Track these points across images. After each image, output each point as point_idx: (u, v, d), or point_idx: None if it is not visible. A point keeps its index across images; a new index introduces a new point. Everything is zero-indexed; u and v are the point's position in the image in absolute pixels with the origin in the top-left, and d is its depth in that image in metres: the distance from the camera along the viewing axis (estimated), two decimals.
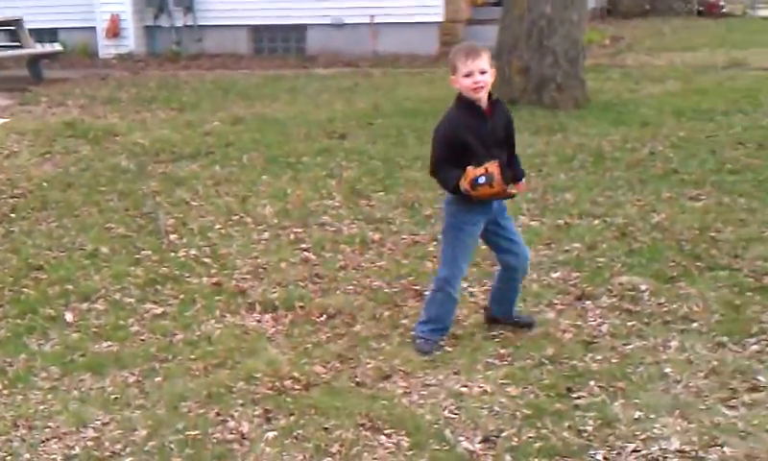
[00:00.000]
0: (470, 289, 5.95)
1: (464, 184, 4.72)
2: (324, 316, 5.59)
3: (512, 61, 12.01)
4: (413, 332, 5.20)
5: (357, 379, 4.77)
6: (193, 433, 4.28)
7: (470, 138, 4.78)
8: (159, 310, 5.77)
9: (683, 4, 25.13)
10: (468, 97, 4.82)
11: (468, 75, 4.76)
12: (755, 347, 4.94)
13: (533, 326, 5.32)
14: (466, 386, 4.66)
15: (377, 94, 13.45)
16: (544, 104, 11.68)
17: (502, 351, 5.05)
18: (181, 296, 5.97)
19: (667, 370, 4.73)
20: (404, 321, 5.48)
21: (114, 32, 18.51)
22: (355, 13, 17.70)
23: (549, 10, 11.75)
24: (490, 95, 4.86)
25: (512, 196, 4.97)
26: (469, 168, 4.71)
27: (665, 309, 5.48)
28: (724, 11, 25.18)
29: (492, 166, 4.66)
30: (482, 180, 4.66)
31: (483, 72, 4.75)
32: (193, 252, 6.78)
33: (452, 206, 5.02)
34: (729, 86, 13.12)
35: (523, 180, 5.27)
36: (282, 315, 5.63)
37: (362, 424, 4.30)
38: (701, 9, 25.00)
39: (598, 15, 23.31)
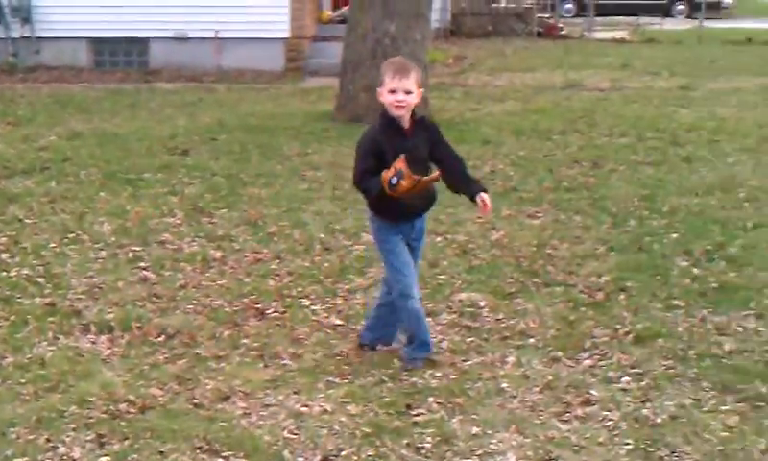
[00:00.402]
0: (313, 307, 5.92)
1: (387, 191, 4.67)
2: (163, 336, 5.46)
3: (356, 79, 12.09)
4: (402, 357, 5.08)
5: (195, 401, 4.67)
6: (21, 460, 4.11)
7: (389, 156, 4.72)
8: None
9: (523, 25, 25.78)
10: (389, 114, 4.83)
11: (392, 91, 4.77)
12: (587, 361, 5.07)
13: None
14: (306, 406, 4.62)
15: (221, 110, 13.32)
16: None
17: (344, 368, 5.03)
18: (12, 317, 5.73)
19: (504, 385, 4.81)
20: (245, 340, 5.41)
21: None
22: (199, 28, 17.48)
23: (393, 29, 11.88)
24: (413, 113, 4.87)
25: (435, 180, 4.82)
26: (383, 173, 4.67)
27: (503, 325, 5.59)
28: (562, 32, 25.96)
29: (399, 163, 4.62)
30: (394, 180, 4.63)
31: (407, 92, 4.75)
32: (25, 271, 6.54)
33: (373, 223, 5.10)
34: (566, 107, 13.54)
35: (483, 195, 4.94)
36: (118, 336, 5.47)
37: (199, 447, 4.21)
38: (540, 30, 25.71)
39: (442, 35, 23.70)
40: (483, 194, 4.91)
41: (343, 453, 4.17)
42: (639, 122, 12.17)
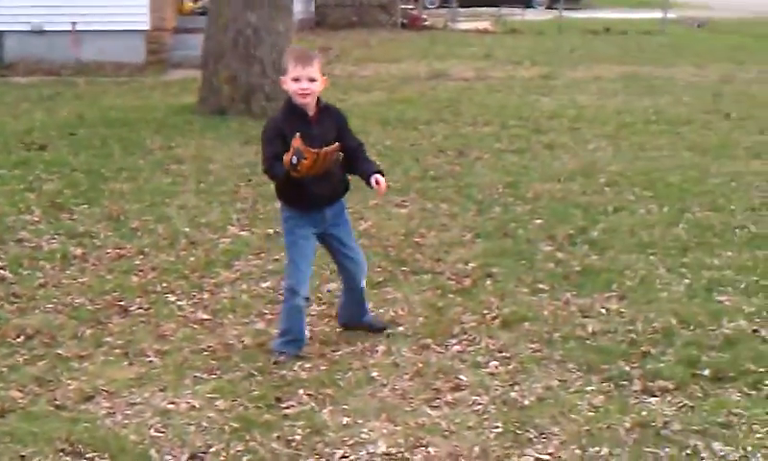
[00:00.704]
0: (179, 302, 5.81)
1: (293, 174, 4.60)
2: (22, 337, 5.26)
3: (219, 71, 11.93)
4: (272, 348, 5.04)
5: (57, 402, 4.51)
6: None
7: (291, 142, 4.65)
8: None
9: (387, 17, 25.90)
10: (294, 102, 4.81)
11: (296, 79, 4.75)
12: (456, 347, 5.11)
13: (386, 329, 5.31)
14: (173, 403, 4.52)
15: (81, 103, 12.96)
16: (253, 113, 11.67)
17: (211, 363, 4.94)
18: None
19: (374, 374, 4.80)
20: (108, 339, 5.26)
21: None
22: (56, 20, 16.95)
23: (255, 19, 11.76)
24: (318, 100, 4.85)
25: (335, 151, 4.71)
26: (284, 157, 4.60)
27: (372, 314, 5.56)
28: (426, 24, 26.17)
29: (295, 142, 4.55)
30: (294, 160, 4.55)
31: (311, 80, 4.74)
32: None
33: (283, 213, 5.06)
34: (431, 96, 13.65)
35: (377, 175, 4.93)
36: None
37: (62, 449, 4.07)
38: (404, 21, 25.87)
39: (306, 26, 23.62)
40: (377, 175, 4.92)
41: (212, 450, 4.09)
42: (503, 111, 12.36)
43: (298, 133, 4.61)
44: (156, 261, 6.54)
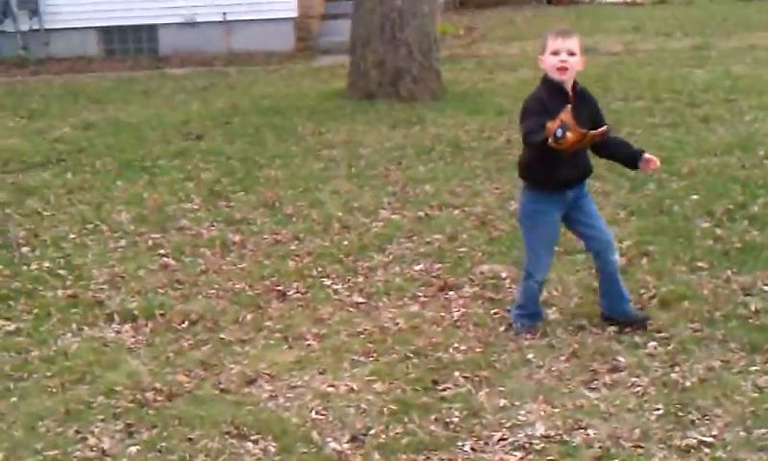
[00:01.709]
0: (334, 287, 5.91)
1: (552, 145, 4.45)
2: (186, 323, 5.46)
3: (366, 55, 12.02)
4: (510, 318, 5.17)
5: (221, 386, 4.67)
6: (52, 453, 4.11)
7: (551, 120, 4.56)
8: (13, 327, 5.52)
9: None
10: (552, 79, 4.74)
11: (554, 53, 4.68)
12: (613, 328, 5.03)
13: (646, 322, 5.04)
14: (332, 386, 4.61)
15: (234, 93, 13.29)
16: (401, 96, 11.73)
17: (368, 346, 5.02)
18: (36, 310, 5.73)
19: (530, 356, 4.79)
20: (268, 323, 5.40)
21: None
22: (207, 12, 17.41)
23: (400, 2, 11.79)
24: (575, 83, 4.78)
25: (603, 134, 4.54)
26: (548, 124, 4.45)
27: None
28: None
29: (565, 114, 4.41)
30: (559, 132, 4.40)
31: (571, 53, 4.67)
32: (47, 264, 6.54)
33: (525, 194, 5.01)
34: (580, 72, 13.39)
35: (646, 156, 5.02)
36: (142, 324, 5.48)
37: (227, 432, 4.21)
38: None
39: (451, 7, 23.57)
40: (645, 154, 4.96)
41: (371, 432, 4.16)
42: (654, 84, 12.06)
43: (569, 105, 4.47)
44: (311, 246, 6.67)
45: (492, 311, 5.36)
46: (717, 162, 8.10)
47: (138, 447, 4.14)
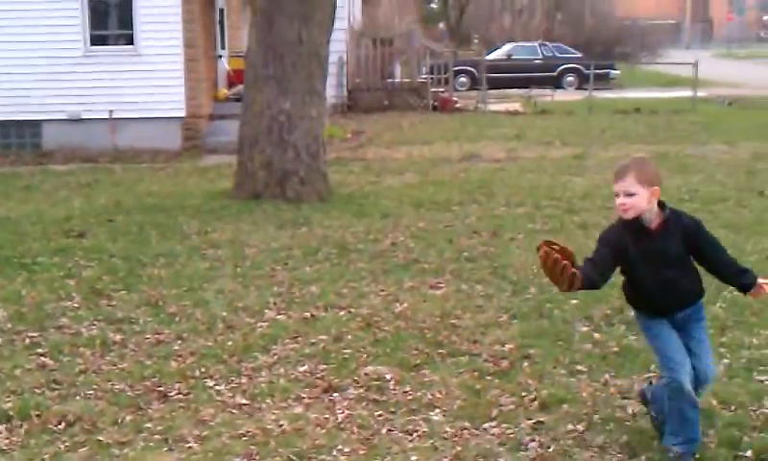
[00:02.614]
0: (217, 387, 5.84)
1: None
2: (63, 424, 5.30)
3: (254, 156, 12.09)
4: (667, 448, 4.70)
5: None
6: None
7: (634, 256, 4.61)
8: None
9: (419, 99, 26.14)
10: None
11: (616, 194, 4.60)
12: (495, 430, 5.09)
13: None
14: None
15: (118, 190, 13.16)
16: (288, 197, 11.80)
17: (251, 448, 4.95)
18: None
19: (413, 458, 4.79)
20: (148, 424, 5.29)
21: None
22: (93, 109, 17.32)
23: (288, 105, 11.95)
24: (663, 210, 4.64)
25: (557, 262, 4.40)
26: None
27: (410, 397, 5.57)
28: (457, 105, 26.39)
29: (542, 248, 4.51)
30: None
31: (629, 194, 4.53)
32: None
33: (634, 312, 5.01)
34: (464, 178, 13.73)
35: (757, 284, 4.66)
36: (17, 425, 5.29)
37: None
38: (435, 104, 26.09)
39: (339, 111, 23.90)
40: (754, 285, 4.66)
41: None
42: (536, 191, 12.41)
43: (542, 244, 4.56)
44: (195, 346, 6.58)
45: (377, 413, 5.36)
46: None
47: None
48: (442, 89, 27.71)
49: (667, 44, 58.92)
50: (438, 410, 5.38)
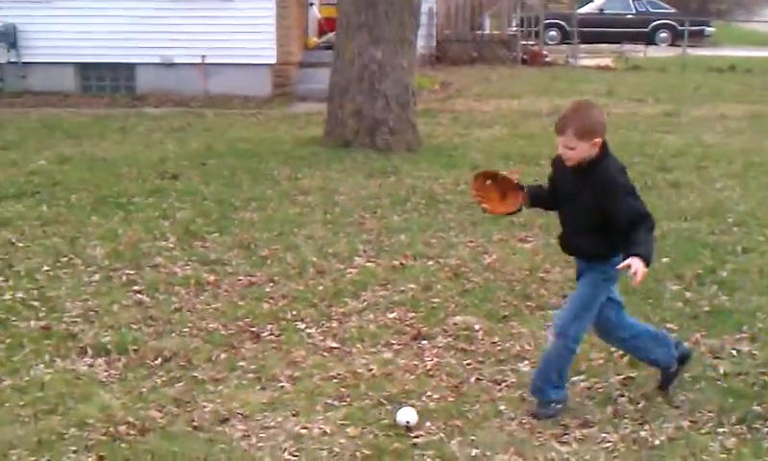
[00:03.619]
0: (308, 330, 5.94)
1: None
2: (159, 359, 5.46)
3: (344, 104, 12.15)
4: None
5: (194, 423, 4.68)
6: None
7: (557, 183, 4.86)
8: None
9: (508, 52, 25.92)
10: None
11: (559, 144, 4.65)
12: (584, 384, 5.10)
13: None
14: (305, 428, 4.63)
15: (210, 134, 13.34)
16: (377, 146, 11.84)
17: (341, 391, 5.05)
18: (8, 340, 5.72)
19: (502, 407, 4.84)
20: (242, 363, 5.42)
21: None
22: (186, 54, 17.52)
23: (380, 55, 11.94)
24: (601, 157, 4.55)
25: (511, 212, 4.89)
26: None
27: (499, 348, 5.61)
28: (547, 59, 26.10)
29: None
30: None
31: (569, 148, 4.56)
32: (20, 294, 6.52)
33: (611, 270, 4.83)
34: (552, 133, 13.54)
35: (634, 261, 4.29)
36: (115, 359, 5.48)
37: None
38: (525, 57, 25.84)
39: (428, 62, 23.82)
40: (633, 258, 4.32)
41: None
42: (627, 147, 12.22)
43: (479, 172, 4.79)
44: (286, 289, 6.70)
45: (465, 362, 5.41)
46: (687, 227, 8.24)
47: None
48: (532, 43, 27.42)
49: (764, 3, 57.31)
50: (526, 362, 5.41)
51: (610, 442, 4.47)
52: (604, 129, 4.58)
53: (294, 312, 6.25)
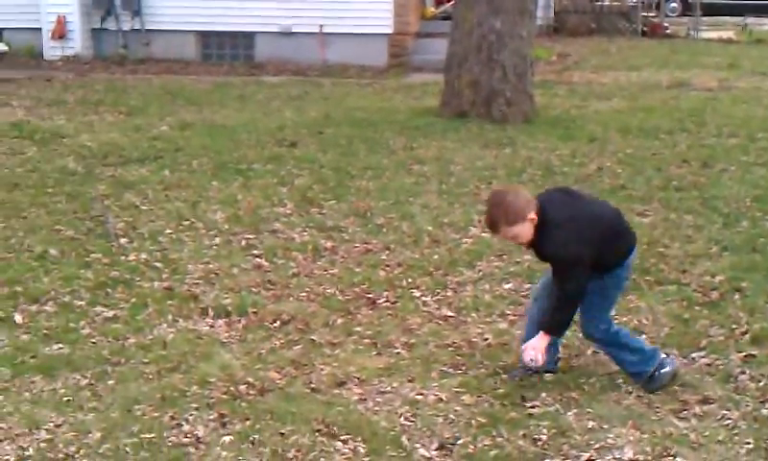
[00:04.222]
0: (423, 298, 5.98)
1: None
2: (278, 322, 5.58)
3: (461, 75, 12.09)
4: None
5: (312, 385, 4.77)
6: (148, 436, 4.26)
7: None
8: (111, 313, 5.71)
9: (627, 24, 25.39)
10: None
11: None
12: (704, 360, 5.03)
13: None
14: (421, 394, 4.68)
15: (327, 103, 13.45)
16: (494, 117, 11.77)
17: (457, 359, 5.07)
18: (133, 300, 5.91)
19: (619, 381, 4.80)
20: (358, 328, 5.49)
21: (60, 33, 18.23)
22: (304, 23, 17.66)
23: (499, 25, 11.84)
24: (542, 226, 4.46)
25: None
26: None
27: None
28: (668, 32, 25.50)
29: None
30: None
31: (512, 238, 4.56)
32: (144, 256, 6.72)
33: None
34: (673, 106, 13.33)
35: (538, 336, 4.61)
36: (235, 320, 5.61)
37: (318, 430, 4.31)
38: (645, 29, 25.28)
39: (545, 33, 23.52)
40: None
41: (459, 442, 4.22)
42: (750, 122, 11.92)
43: None
44: (402, 257, 6.75)
45: (580, 335, 5.36)
46: None
47: (231, 437, 4.26)
48: (652, 15, 26.83)
49: None
50: (645, 336, 5.34)
51: (730, 419, 4.40)
52: (528, 204, 4.44)
53: (409, 280, 6.30)
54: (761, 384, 4.73)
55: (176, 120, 11.82)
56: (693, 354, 5.09)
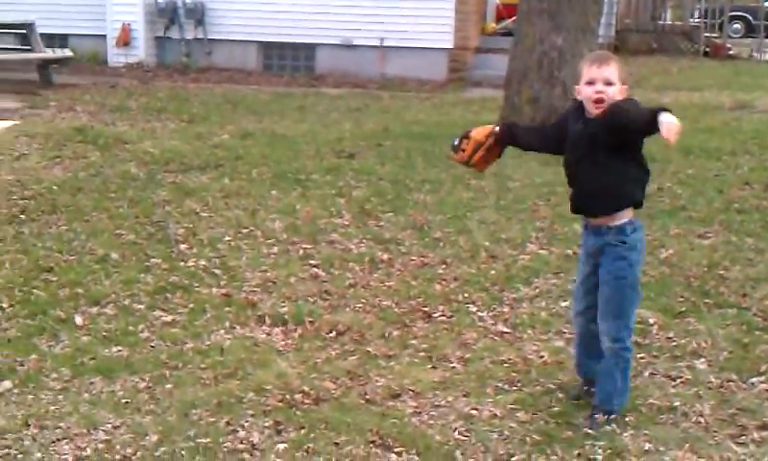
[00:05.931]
0: (479, 313, 5.98)
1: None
2: (334, 332, 5.61)
3: (521, 91, 12.05)
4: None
5: (367, 397, 4.78)
6: (204, 441, 4.30)
7: (568, 134, 4.55)
8: (169, 318, 5.78)
9: (689, 44, 25.18)
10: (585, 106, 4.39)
11: (590, 82, 4.34)
12: (763, 385, 4.96)
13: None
14: (475, 409, 4.68)
15: (386, 116, 13.49)
16: None
17: (512, 375, 5.06)
18: (191, 305, 5.98)
19: (676, 403, 4.75)
20: (413, 341, 5.50)
21: (125, 41, 18.54)
22: (365, 36, 17.77)
23: (561, 42, 11.79)
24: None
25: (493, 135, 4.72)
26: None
27: (674, 344, 5.51)
28: (731, 53, 25.25)
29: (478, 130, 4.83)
30: (455, 141, 4.94)
31: (608, 83, 4.31)
32: (203, 262, 6.80)
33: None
34: (735, 127, 13.17)
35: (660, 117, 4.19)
36: (292, 329, 5.65)
37: (372, 441, 4.32)
38: (707, 50, 25.06)
39: (606, 50, 23.40)
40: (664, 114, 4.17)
41: (514, 459, 4.20)
42: None
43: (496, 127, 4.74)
44: (458, 272, 6.74)
45: (639, 355, 5.32)
46: None
47: (286, 444, 4.28)
48: (715, 35, 26.57)
49: None
50: (703, 359, 5.29)
51: None
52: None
53: (465, 295, 6.29)
54: None
55: (236, 129, 11.93)
56: (752, 379, 5.02)
